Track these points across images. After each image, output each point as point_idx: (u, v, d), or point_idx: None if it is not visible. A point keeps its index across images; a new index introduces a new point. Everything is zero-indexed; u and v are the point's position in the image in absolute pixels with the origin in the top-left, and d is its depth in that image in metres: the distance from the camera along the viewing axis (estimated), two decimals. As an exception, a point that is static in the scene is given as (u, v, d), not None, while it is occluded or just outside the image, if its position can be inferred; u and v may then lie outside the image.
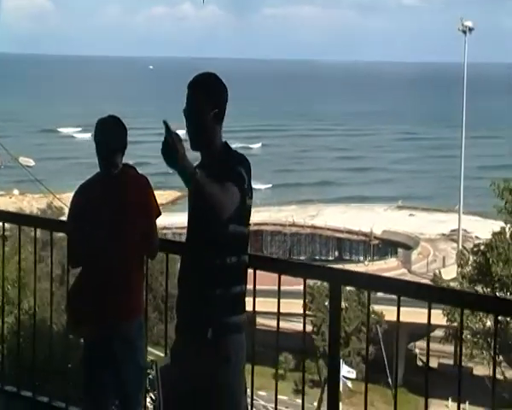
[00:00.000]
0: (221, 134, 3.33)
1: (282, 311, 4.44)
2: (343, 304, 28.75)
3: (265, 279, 4.26)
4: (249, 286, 3.47)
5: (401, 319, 4.04)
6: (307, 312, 27.68)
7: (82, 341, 4.23)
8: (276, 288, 4.08)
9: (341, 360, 27.30)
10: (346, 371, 26.35)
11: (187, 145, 3.03)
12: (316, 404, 27.31)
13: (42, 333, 5.82)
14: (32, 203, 40.95)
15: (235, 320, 3.32)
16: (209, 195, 2.96)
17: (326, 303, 27.45)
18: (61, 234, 6.78)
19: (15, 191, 46.01)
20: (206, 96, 3.27)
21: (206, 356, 3.30)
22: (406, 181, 68.05)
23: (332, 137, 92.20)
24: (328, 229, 49.59)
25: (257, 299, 4.07)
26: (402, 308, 3.92)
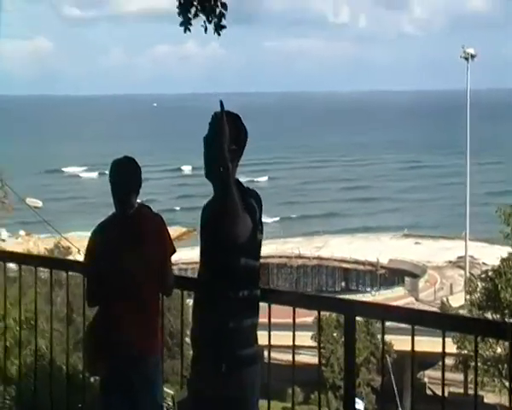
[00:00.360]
0: (235, 173, 3.37)
1: (288, 343, 4.48)
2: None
3: (273, 312, 4.30)
4: (262, 319, 3.51)
5: (410, 348, 4.07)
6: (317, 343, 27.58)
7: (98, 378, 4.27)
8: (283, 320, 4.12)
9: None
10: (356, 403, 26.16)
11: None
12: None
13: (52, 374, 5.85)
14: (39, 244, 41.07)
15: (248, 353, 3.39)
16: (231, 200, 3.05)
17: (335, 334, 27.40)
18: (69, 273, 6.87)
19: (21, 232, 46.13)
20: (230, 130, 3.26)
21: (221, 389, 3.36)
22: (412, 210, 67.99)
23: (336, 168, 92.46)
24: (335, 260, 49.52)
25: (262, 332, 4.11)
26: (410, 337, 3.96)
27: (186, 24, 5.41)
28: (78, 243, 21.75)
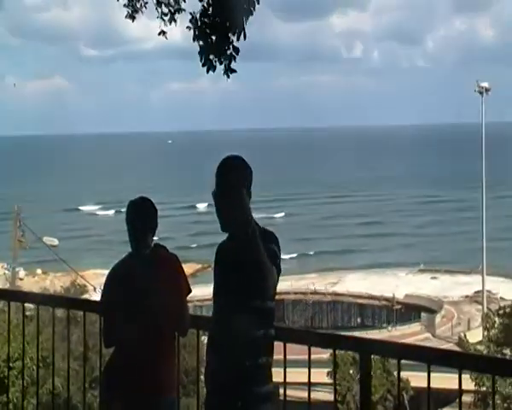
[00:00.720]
0: (250, 213, 3.40)
1: (302, 380, 4.49)
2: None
3: (288, 348, 4.31)
4: (277, 356, 3.58)
5: (427, 384, 4.07)
6: (332, 380, 27.32)
7: None
8: (298, 357, 4.14)
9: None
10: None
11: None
12: None
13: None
14: (55, 282, 41.19)
15: (264, 390, 3.45)
16: (262, 262, 3.23)
17: (351, 371, 27.12)
18: (81, 312, 6.92)
19: (38, 271, 46.34)
20: (240, 176, 3.44)
21: None
22: (428, 245, 67.42)
23: (352, 204, 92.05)
24: (350, 295, 49.20)
25: (278, 369, 4.03)
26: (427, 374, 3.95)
27: (209, 64, 5.45)
28: (93, 281, 21.87)
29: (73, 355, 12.18)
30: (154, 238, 4.28)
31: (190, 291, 4.18)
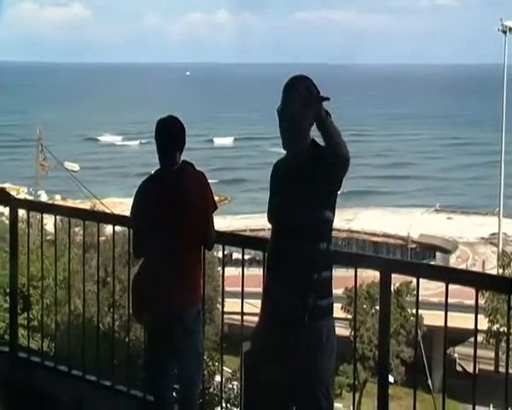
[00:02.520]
0: (309, 133, 3.55)
1: None
2: (381, 307, 28.55)
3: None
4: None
5: (439, 323, 4.12)
6: (346, 315, 27.58)
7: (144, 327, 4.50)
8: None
9: (380, 364, 27.27)
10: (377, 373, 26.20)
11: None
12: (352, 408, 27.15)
13: (86, 332, 5.98)
14: (74, 208, 41.44)
15: (328, 303, 3.53)
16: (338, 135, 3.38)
17: (364, 306, 27.40)
18: (102, 238, 6.97)
19: (57, 196, 46.74)
20: (305, 97, 3.48)
21: (302, 341, 3.47)
22: (447, 188, 67.14)
23: (373, 143, 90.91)
24: (365, 233, 49.32)
25: None
26: (440, 312, 3.99)
27: None
28: (113, 209, 22.03)
29: (93, 279, 12.35)
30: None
31: (216, 207, 4.30)
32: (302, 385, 3.48)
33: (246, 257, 4.69)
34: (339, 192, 3.50)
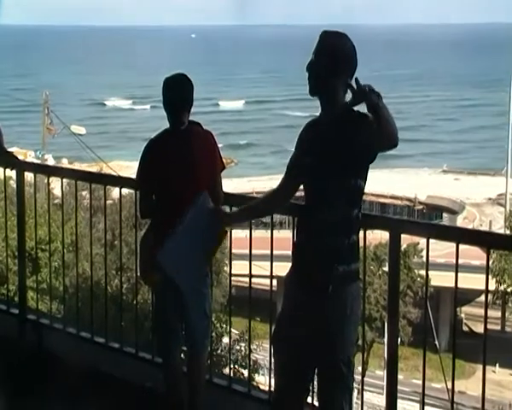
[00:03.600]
0: (342, 94, 3.48)
1: None
2: (387, 269, 28.64)
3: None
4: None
5: (446, 284, 4.12)
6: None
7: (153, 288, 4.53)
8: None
9: (386, 325, 27.48)
10: (386, 334, 26.39)
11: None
12: (359, 369, 27.40)
13: (96, 295, 6.01)
14: (80, 172, 41.42)
15: (355, 268, 3.53)
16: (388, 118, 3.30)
17: (372, 267, 27.48)
18: (109, 201, 6.96)
19: (64, 160, 46.78)
20: (331, 54, 3.47)
21: (327, 310, 3.47)
22: (455, 150, 66.73)
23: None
24: (372, 194, 49.14)
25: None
26: (447, 273, 4.00)
27: None
28: (120, 172, 22.03)
29: (100, 242, 12.39)
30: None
31: (224, 167, 4.26)
32: (324, 353, 3.49)
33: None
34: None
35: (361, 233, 4.25)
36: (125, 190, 5.24)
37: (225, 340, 17.25)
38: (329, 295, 3.42)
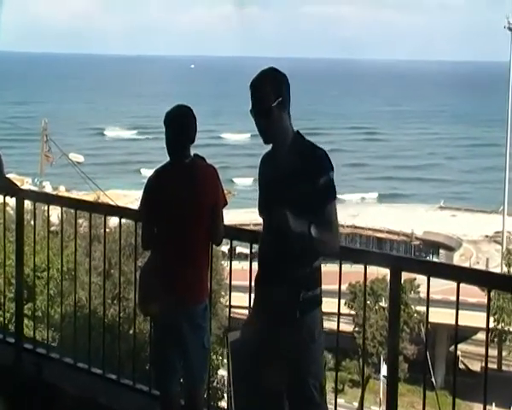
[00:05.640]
0: (290, 122, 3.52)
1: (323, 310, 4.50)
2: (384, 304, 28.62)
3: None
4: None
5: (443, 320, 4.10)
6: (350, 311, 27.56)
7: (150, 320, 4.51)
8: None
9: (382, 360, 27.29)
10: (386, 370, 26.23)
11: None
12: (356, 404, 27.18)
13: (92, 324, 5.96)
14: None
15: (317, 293, 3.53)
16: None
17: (368, 302, 27.36)
18: (106, 230, 6.92)
19: (62, 188, 46.79)
20: (268, 89, 3.47)
21: (294, 336, 3.47)
22: (451, 183, 66.88)
23: (385, 142, 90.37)
24: (369, 229, 49.26)
25: None
26: (444, 309, 3.98)
27: None
28: (117, 201, 22.05)
29: (96, 271, 12.30)
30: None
31: (226, 203, 4.24)
32: (294, 380, 3.48)
33: (248, 251, 4.66)
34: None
35: (360, 268, 4.24)
36: (122, 219, 5.21)
37: (220, 372, 17.11)
38: (296, 321, 3.44)
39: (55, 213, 5.79)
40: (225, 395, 14.59)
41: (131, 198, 35.35)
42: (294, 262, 3.44)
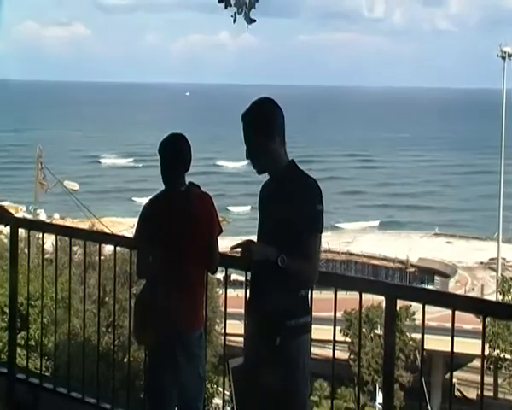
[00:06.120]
0: (284, 151, 3.57)
1: (316, 337, 4.50)
2: (379, 332, 28.52)
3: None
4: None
5: (439, 348, 4.09)
6: (345, 339, 27.42)
7: (146, 349, 4.47)
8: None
9: (377, 388, 27.14)
10: (382, 399, 26.07)
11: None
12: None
13: (85, 352, 5.92)
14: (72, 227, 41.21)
15: (304, 322, 3.53)
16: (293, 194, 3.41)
17: (364, 330, 27.28)
18: (101, 258, 6.92)
19: (56, 215, 46.72)
20: (254, 122, 3.55)
21: (275, 362, 3.46)
22: (444, 210, 67.00)
23: (379, 170, 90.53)
24: (364, 256, 49.27)
25: None
26: (440, 337, 3.97)
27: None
28: (112, 228, 22.02)
29: (91, 299, 12.21)
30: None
31: (221, 231, 4.24)
32: (278, 405, 3.48)
33: (243, 278, 4.66)
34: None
35: (355, 295, 4.23)
36: (117, 247, 5.19)
37: (215, 401, 16.98)
38: (277, 348, 3.43)
39: (49, 240, 5.77)
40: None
41: (126, 225, 35.31)
42: (277, 290, 3.45)
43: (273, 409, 3.51)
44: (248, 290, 3.73)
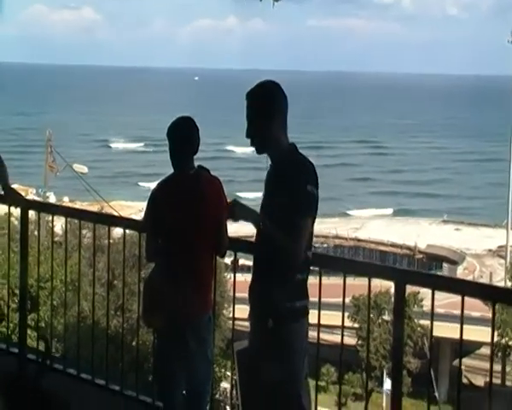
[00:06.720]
0: (284, 134, 3.62)
1: (325, 323, 4.52)
2: (387, 317, 28.54)
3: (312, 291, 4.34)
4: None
5: (447, 335, 4.09)
6: (353, 324, 27.44)
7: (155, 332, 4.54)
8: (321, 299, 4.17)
9: (385, 374, 27.19)
10: (390, 384, 26.12)
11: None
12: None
13: (95, 334, 5.96)
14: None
15: (301, 305, 3.56)
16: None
17: (371, 315, 27.31)
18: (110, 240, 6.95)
19: (65, 198, 46.91)
20: (256, 102, 3.62)
21: (271, 345, 3.52)
22: (454, 197, 66.76)
23: (389, 157, 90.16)
24: (372, 242, 49.22)
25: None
26: (447, 324, 3.97)
27: None
28: (121, 211, 22.08)
29: (100, 282, 12.27)
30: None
31: None
32: (275, 388, 3.52)
33: (251, 263, 4.67)
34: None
35: (364, 281, 4.24)
36: (126, 230, 5.21)
37: (223, 384, 17.07)
38: (268, 331, 3.48)
39: (58, 223, 5.80)
40: (228, 407, 14.55)
41: (135, 209, 35.42)
42: (274, 273, 3.50)
43: (271, 392, 3.54)
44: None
